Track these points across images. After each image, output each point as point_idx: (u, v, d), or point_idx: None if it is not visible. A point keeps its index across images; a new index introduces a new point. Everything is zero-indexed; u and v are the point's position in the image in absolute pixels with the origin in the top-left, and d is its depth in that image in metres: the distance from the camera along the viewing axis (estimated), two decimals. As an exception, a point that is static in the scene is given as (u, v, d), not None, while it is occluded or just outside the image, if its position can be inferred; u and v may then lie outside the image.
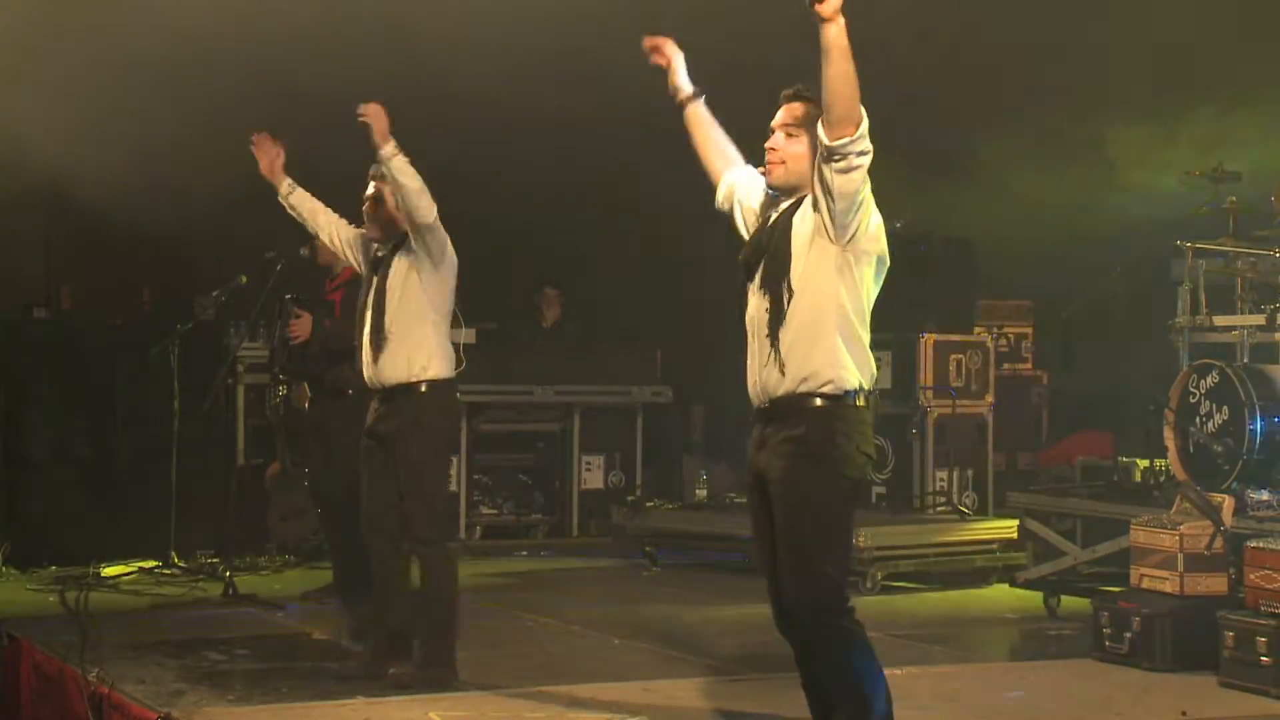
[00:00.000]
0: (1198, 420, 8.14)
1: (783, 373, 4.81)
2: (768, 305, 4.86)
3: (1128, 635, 6.93)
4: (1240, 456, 7.90)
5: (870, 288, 4.88)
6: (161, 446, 9.64)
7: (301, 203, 7.01)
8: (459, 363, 6.81)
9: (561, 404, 11.37)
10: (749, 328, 4.95)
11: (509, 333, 11.72)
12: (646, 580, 9.81)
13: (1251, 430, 7.87)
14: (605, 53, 9.53)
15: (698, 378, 12.18)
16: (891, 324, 10.92)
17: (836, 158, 4.70)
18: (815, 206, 4.83)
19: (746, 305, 4.97)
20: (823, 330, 4.80)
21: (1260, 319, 8.42)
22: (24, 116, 8.91)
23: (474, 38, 9.43)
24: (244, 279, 9.25)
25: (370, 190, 6.76)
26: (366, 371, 6.67)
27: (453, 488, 10.88)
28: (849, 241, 4.80)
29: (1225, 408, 8.03)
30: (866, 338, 4.88)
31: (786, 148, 4.92)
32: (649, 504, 10.71)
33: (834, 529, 4.88)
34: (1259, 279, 8.59)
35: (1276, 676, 6.37)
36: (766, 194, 5.11)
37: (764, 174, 5.03)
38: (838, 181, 4.73)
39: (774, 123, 4.97)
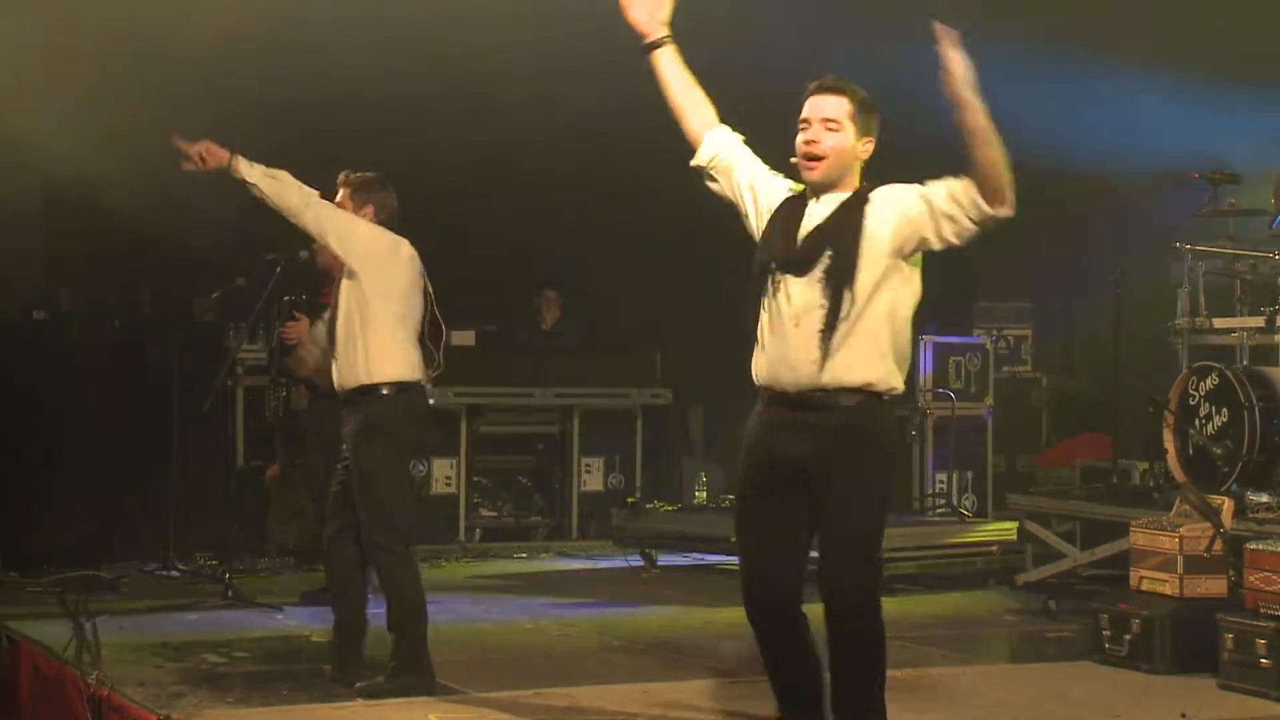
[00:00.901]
0: (1197, 422, 8.14)
1: (828, 367, 4.80)
2: (826, 300, 4.81)
3: (1127, 637, 6.94)
4: (1240, 459, 7.90)
5: (920, 293, 4.99)
6: (160, 448, 9.64)
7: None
8: (435, 364, 6.77)
9: (561, 406, 11.36)
10: (789, 315, 4.86)
11: (508, 334, 11.72)
12: (646, 582, 9.80)
13: (1251, 432, 7.87)
14: (607, 56, 9.54)
15: (697, 380, 12.17)
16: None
17: (989, 225, 4.81)
18: (902, 220, 4.84)
19: (780, 292, 4.87)
20: (881, 331, 4.85)
21: (1259, 321, 8.42)
22: (24, 118, 8.91)
23: (477, 41, 9.43)
24: (242, 281, 9.25)
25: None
26: (334, 377, 6.67)
27: (452, 490, 10.89)
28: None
29: (1225, 410, 8.03)
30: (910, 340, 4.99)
31: (827, 141, 4.86)
32: (648, 506, 10.71)
33: (881, 518, 4.94)
34: (1258, 281, 8.58)
35: (1276, 679, 6.36)
36: (781, 182, 5.05)
37: (802, 167, 4.92)
38: (965, 236, 4.85)
39: (809, 115, 4.89)
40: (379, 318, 6.50)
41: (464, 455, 10.91)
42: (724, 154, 5.10)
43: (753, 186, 5.08)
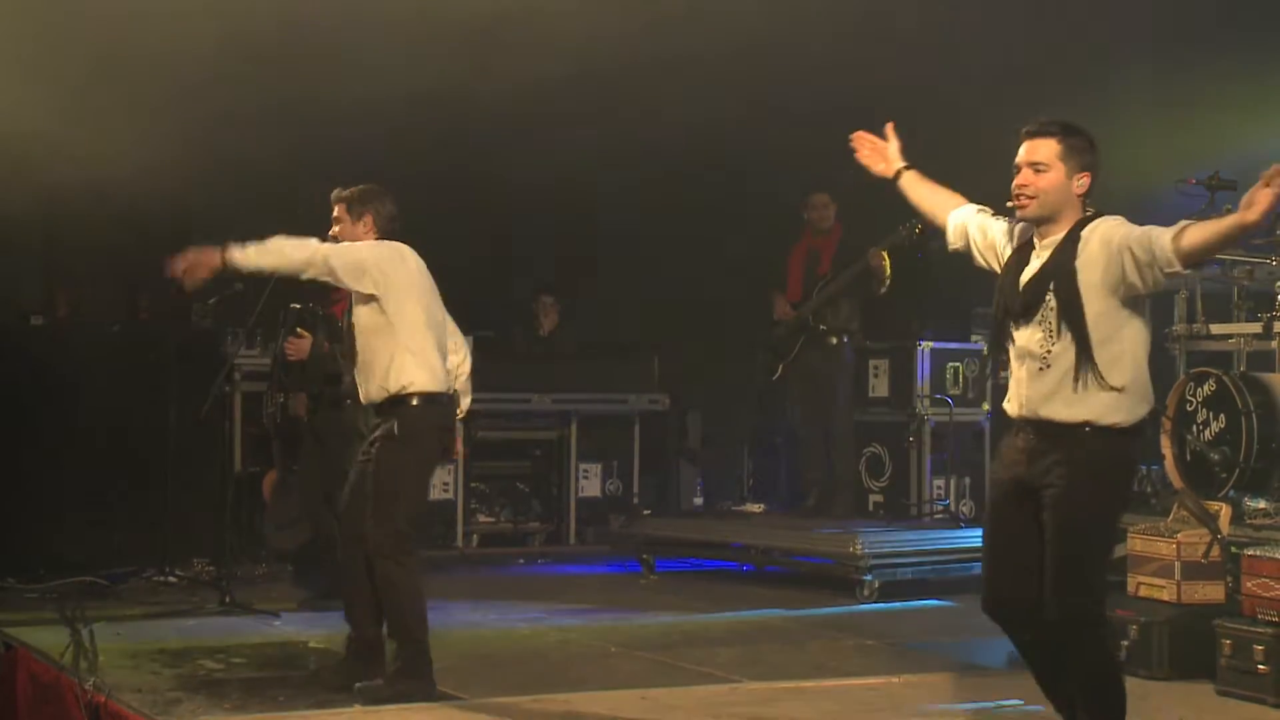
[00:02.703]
0: (1195, 428, 8.13)
1: (1069, 404, 5.04)
2: (1049, 341, 5.06)
3: (1125, 643, 6.93)
4: (1237, 464, 7.89)
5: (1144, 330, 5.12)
6: (158, 454, 9.63)
7: None
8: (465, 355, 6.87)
9: (559, 411, 11.37)
10: (1020, 354, 5.18)
11: (506, 340, 11.72)
12: (643, 588, 9.80)
13: (1249, 438, 7.86)
14: (607, 64, 9.55)
15: (695, 385, 12.18)
16: (889, 332, 10.96)
17: (1168, 271, 4.94)
18: (1109, 259, 4.99)
19: (1014, 333, 5.19)
20: (1114, 369, 5.01)
21: (1257, 327, 8.42)
22: (22, 125, 8.91)
23: (477, 52, 9.43)
24: (240, 286, 9.24)
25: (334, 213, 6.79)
26: (360, 390, 6.73)
27: (449, 495, 10.89)
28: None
29: (1222, 415, 8.02)
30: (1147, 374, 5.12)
31: (1037, 183, 5.09)
32: (646, 511, 10.71)
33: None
34: (1255, 287, 8.57)
35: (1274, 685, 6.37)
36: (1011, 224, 5.28)
37: (1016, 208, 5.17)
38: (1152, 282, 4.96)
39: (1020, 160, 5.15)
40: (403, 331, 6.53)
41: (461, 461, 10.89)
42: (962, 224, 5.43)
43: (992, 246, 5.36)
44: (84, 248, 11.04)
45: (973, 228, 5.39)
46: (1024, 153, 5.14)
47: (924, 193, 5.54)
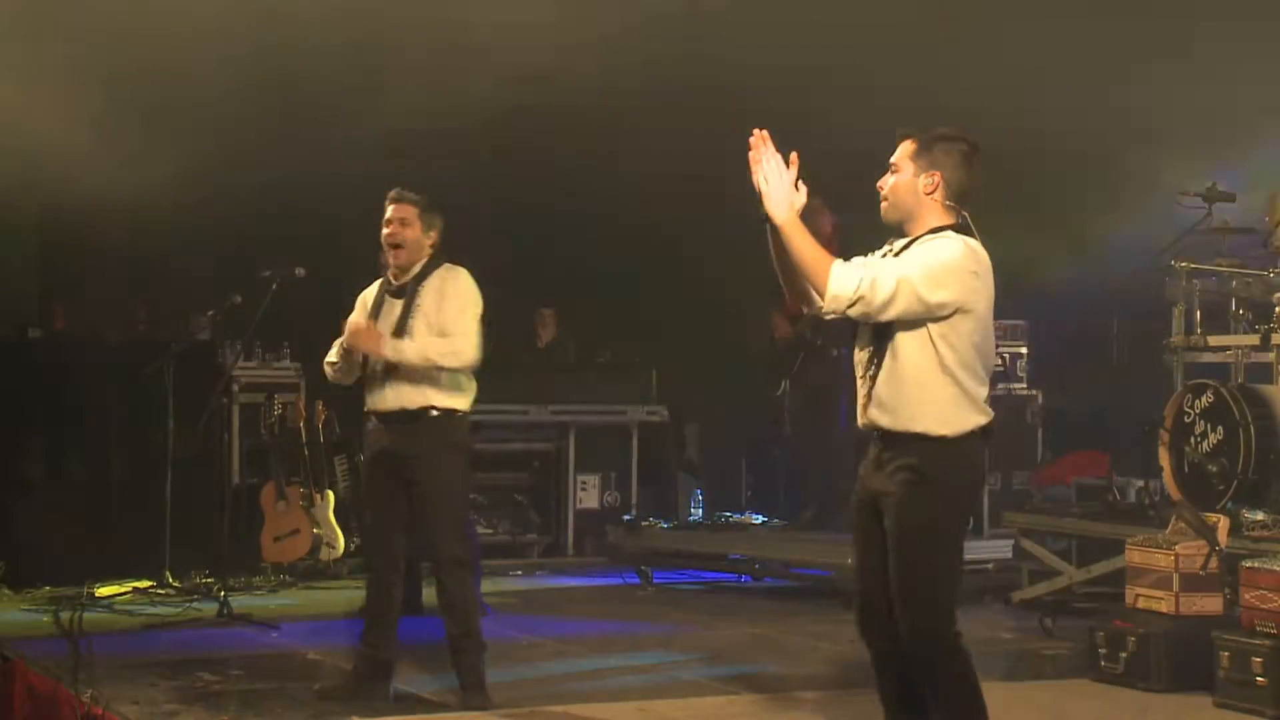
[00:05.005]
0: (1193, 440, 8.14)
1: (889, 413, 4.93)
2: (873, 347, 4.98)
3: (1123, 655, 6.94)
4: (1235, 476, 7.89)
5: (970, 337, 4.96)
6: (156, 466, 9.63)
7: None
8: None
9: (557, 423, 11.36)
10: (858, 363, 5.06)
11: (504, 352, 11.70)
12: (641, 600, 9.80)
13: (1246, 450, 7.86)
14: (606, 78, 9.57)
15: (693, 397, 12.17)
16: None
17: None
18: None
19: (857, 342, 5.09)
20: (927, 377, 4.89)
21: (1255, 339, 8.43)
22: (19, 136, 8.92)
23: (471, 58, 9.45)
24: (238, 298, 9.26)
25: (389, 213, 6.71)
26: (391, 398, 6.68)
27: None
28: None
29: (1220, 428, 8.02)
30: (971, 383, 4.95)
31: (886, 182, 5.07)
32: (644, 523, 10.70)
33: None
34: (1253, 299, 8.58)
35: (1272, 697, 6.37)
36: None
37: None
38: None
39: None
40: None
41: (459, 472, 10.87)
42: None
43: None
44: (82, 260, 11.04)
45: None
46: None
47: (808, 242, 4.92)
